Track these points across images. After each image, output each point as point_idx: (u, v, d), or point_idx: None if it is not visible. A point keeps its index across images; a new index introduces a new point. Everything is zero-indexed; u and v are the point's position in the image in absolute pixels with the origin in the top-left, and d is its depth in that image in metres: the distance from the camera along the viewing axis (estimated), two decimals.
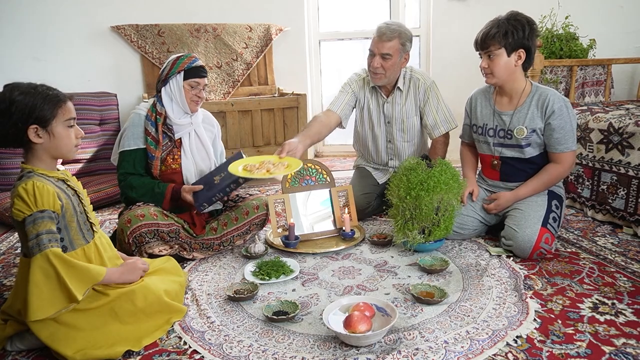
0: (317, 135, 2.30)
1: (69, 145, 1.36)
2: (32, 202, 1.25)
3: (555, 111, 1.87)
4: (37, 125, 1.29)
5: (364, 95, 2.41)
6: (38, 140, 1.30)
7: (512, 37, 1.83)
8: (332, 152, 4.21)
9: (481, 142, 2.09)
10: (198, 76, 1.96)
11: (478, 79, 3.49)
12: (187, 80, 1.94)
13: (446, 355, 1.28)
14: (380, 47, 2.20)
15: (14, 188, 1.29)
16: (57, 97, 1.32)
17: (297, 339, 1.38)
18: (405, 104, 2.36)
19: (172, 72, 1.94)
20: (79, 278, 1.26)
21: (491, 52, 1.88)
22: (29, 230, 1.25)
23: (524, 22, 1.86)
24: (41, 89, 1.31)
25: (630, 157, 2.11)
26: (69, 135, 1.35)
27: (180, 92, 1.95)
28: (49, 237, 1.25)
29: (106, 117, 3.17)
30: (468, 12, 3.61)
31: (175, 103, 1.97)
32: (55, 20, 3.27)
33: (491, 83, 1.97)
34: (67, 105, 1.34)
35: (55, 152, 1.35)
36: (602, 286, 1.63)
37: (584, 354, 1.26)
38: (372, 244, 2.09)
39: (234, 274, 1.85)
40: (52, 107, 1.30)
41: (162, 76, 1.98)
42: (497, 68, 1.89)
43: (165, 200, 1.91)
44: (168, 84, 1.96)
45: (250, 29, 3.61)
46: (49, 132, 1.31)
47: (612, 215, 2.21)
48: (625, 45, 3.43)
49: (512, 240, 1.87)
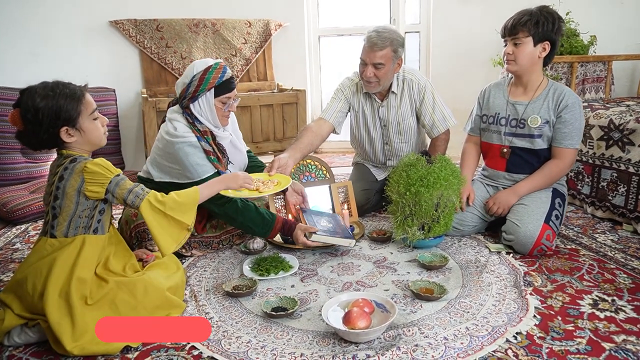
0: (308, 147, 2.20)
1: (99, 136, 1.41)
2: (106, 171, 1.35)
3: (568, 105, 1.90)
4: (67, 126, 1.33)
5: (358, 100, 2.36)
6: (71, 139, 1.36)
7: (542, 28, 1.85)
8: (332, 149, 4.21)
9: (492, 131, 2.08)
10: (229, 90, 1.79)
11: (477, 76, 3.52)
12: (218, 97, 1.78)
13: (445, 352, 1.27)
14: (372, 57, 2.12)
15: (69, 170, 1.34)
16: (76, 94, 1.34)
17: (295, 335, 1.38)
18: (401, 107, 2.32)
19: (201, 89, 1.75)
20: (182, 209, 1.41)
21: (519, 38, 1.88)
22: (118, 193, 1.36)
23: (555, 15, 1.88)
24: (59, 89, 1.32)
25: (630, 154, 2.10)
26: (97, 126, 1.40)
27: (212, 110, 1.79)
28: (140, 188, 1.39)
29: (104, 112, 3.14)
30: (468, 8, 3.59)
31: (206, 120, 1.82)
32: (53, 15, 3.25)
33: (511, 71, 1.96)
34: (87, 98, 1.37)
35: (89, 146, 1.41)
36: (602, 283, 1.63)
37: (583, 350, 1.26)
38: (372, 240, 2.08)
39: (233, 270, 1.84)
40: (75, 105, 1.33)
41: (188, 93, 1.77)
42: (522, 56, 1.90)
43: (274, 230, 1.84)
44: (197, 101, 1.78)
45: (250, 25, 3.60)
46: (79, 129, 1.35)
47: (612, 212, 2.21)
48: (625, 41, 3.42)
49: (513, 235, 1.87)
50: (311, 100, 3.96)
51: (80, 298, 1.31)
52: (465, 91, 3.18)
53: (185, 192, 1.47)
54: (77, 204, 1.35)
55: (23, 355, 1.32)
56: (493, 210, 2.01)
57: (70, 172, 1.34)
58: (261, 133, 3.28)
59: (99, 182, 1.34)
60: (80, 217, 1.37)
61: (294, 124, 3.36)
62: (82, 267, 1.34)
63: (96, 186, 1.34)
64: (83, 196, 1.35)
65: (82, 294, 1.32)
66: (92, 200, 1.37)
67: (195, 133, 1.81)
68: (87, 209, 1.37)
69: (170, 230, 1.40)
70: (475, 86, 2.42)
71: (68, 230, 1.36)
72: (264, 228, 1.83)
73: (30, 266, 1.35)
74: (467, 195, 2.05)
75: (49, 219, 1.37)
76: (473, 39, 3.58)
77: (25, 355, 1.32)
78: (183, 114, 1.83)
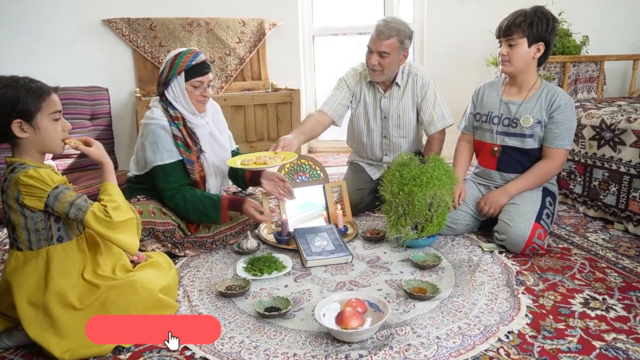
0: (311, 131, 2.30)
1: (56, 139, 1.32)
2: (43, 183, 1.25)
3: (561, 106, 1.91)
4: (21, 119, 1.25)
5: (361, 89, 2.40)
6: (23, 134, 1.27)
7: (536, 29, 1.86)
8: (326, 148, 4.20)
9: (484, 130, 2.10)
10: (200, 74, 1.84)
11: (472, 75, 3.53)
12: (189, 81, 1.83)
13: (438, 351, 1.28)
14: (378, 45, 2.18)
15: (7, 182, 1.27)
16: (41, 90, 1.28)
17: (289, 335, 1.38)
18: (402, 100, 2.35)
19: (172, 73, 1.82)
20: (124, 207, 1.35)
21: (513, 39, 1.89)
22: (58, 207, 1.27)
23: (549, 16, 1.89)
24: (23, 81, 1.27)
25: (621, 154, 2.12)
26: (56, 128, 1.31)
27: (184, 94, 1.85)
28: (82, 199, 1.30)
29: (97, 112, 3.13)
30: (462, 7, 3.60)
31: (181, 106, 1.87)
32: (46, 13, 3.22)
33: (507, 72, 1.98)
34: (52, 97, 1.30)
35: (42, 147, 1.32)
36: (593, 282, 1.64)
37: (574, 349, 1.27)
38: (365, 240, 2.09)
39: (226, 270, 1.84)
40: (35, 100, 1.26)
41: (162, 78, 1.86)
42: (516, 57, 1.91)
43: (223, 209, 1.85)
44: (169, 86, 1.85)
45: (244, 24, 3.59)
46: (34, 126, 1.27)
47: (603, 212, 2.22)
48: (617, 42, 3.44)
49: (505, 235, 1.88)
50: (305, 99, 3.95)
51: (64, 307, 1.29)
52: (459, 90, 3.18)
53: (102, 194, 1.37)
54: (24, 216, 1.28)
55: (14, 357, 1.32)
56: (485, 210, 2.02)
57: (8, 184, 1.27)
58: (255, 132, 3.27)
59: (35, 196, 1.25)
60: (38, 230, 1.29)
61: (288, 124, 3.35)
62: (58, 280, 1.30)
63: (33, 200, 1.25)
64: (27, 209, 1.27)
65: (66, 303, 1.29)
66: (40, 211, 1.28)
67: (168, 118, 1.85)
68: (41, 221, 1.29)
69: (124, 231, 1.33)
70: (470, 86, 2.43)
71: (31, 244, 1.30)
72: (214, 208, 1.85)
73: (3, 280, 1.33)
74: (459, 193, 2.06)
75: (10, 232, 1.32)
76: (467, 38, 3.58)
77: (16, 357, 1.31)
78: (160, 101, 1.90)
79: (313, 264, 1.82)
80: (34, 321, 1.26)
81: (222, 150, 2.03)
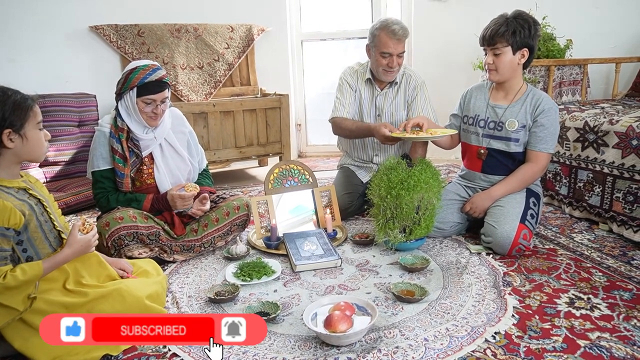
0: None
1: (42, 148, 1.36)
2: None
3: (545, 110, 1.94)
4: (11, 129, 1.27)
5: (358, 87, 2.46)
6: (10, 144, 1.29)
7: (519, 36, 1.88)
8: (316, 152, 4.21)
9: (470, 132, 2.12)
10: (152, 92, 1.80)
11: (458, 78, 3.56)
12: (140, 97, 1.80)
13: (426, 353, 1.29)
14: (399, 47, 2.26)
15: None
16: (27, 101, 1.31)
17: (278, 339, 1.38)
18: (396, 98, 2.42)
19: (124, 88, 1.81)
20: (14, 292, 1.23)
21: (498, 48, 1.91)
22: None
23: (530, 21, 1.91)
24: (10, 92, 1.29)
25: (605, 155, 2.15)
26: (41, 137, 1.35)
27: (135, 109, 1.82)
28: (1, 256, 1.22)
29: (85, 118, 3.11)
30: (449, 11, 3.65)
31: (133, 119, 1.86)
32: (32, 19, 3.20)
33: (494, 80, 2.01)
34: (36, 108, 1.34)
35: (27, 156, 1.35)
36: (578, 281, 1.67)
37: (559, 348, 1.29)
38: (354, 244, 2.10)
39: (215, 276, 1.83)
40: (24, 110, 1.29)
41: (117, 90, 1.85)
42: (502, 65, 1.93)
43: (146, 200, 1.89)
44: (122, 99, 1.84)
45: (232, 29, 3.60)
46: (22, 136, 1.30)
47: (588, 212, 2.26)
48: (601, 45, 3.50)
49: (491, 237, 1.90)
50: (294, 104, 3.96)
51: None
52: (445, 94, 3.22)
53: (29, 266, 1.27)
54: None
55: None
56: (470, 213, 2.05)
57: None
58: (244, 138, 3.28)
59: None
60: (5, 259, 1.24)
61: (277, 129, 3.36)
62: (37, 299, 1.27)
63: None
64: None
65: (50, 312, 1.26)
66: None
67: (113, 128, 1.86)
68: None
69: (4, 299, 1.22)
70: (456, 89, 2.47)
71: None
72: (136, 200, 1.89)
73: None
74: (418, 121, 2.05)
75: None
76: (454, 42, 3.63)
77: None
78: (115, 109, 1.90)
79: (302, 269, 1.82)
80: (17, 333, 1.26)
81: (181, 163, 1.99)
